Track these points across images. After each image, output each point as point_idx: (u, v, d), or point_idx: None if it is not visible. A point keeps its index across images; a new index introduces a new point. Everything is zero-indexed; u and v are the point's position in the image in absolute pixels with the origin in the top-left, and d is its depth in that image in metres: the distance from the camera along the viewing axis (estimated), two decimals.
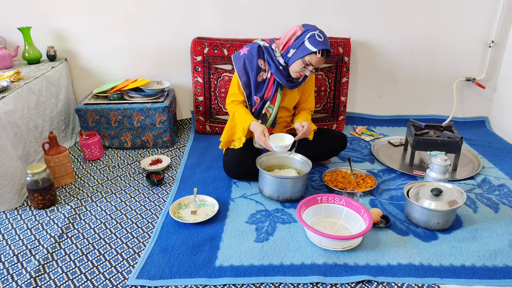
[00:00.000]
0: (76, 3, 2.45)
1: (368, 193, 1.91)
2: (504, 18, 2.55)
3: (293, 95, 2.01)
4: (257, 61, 1.91)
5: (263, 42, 1.94)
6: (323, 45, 1.76)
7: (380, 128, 2.75)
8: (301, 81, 1.96)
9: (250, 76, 1.93)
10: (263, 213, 1.76)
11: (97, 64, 2.63)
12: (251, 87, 1.95)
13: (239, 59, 1.94)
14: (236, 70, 1.94)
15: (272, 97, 1.94)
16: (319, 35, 1.78)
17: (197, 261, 1.46)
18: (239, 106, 1.97)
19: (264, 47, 1.92)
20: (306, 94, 2.06)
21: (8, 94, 1.87)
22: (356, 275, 1.39)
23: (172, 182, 2.05)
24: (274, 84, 1.93)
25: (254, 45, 1.94)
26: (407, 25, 2.60)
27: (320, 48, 1.75)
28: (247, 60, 1.92)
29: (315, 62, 1.79)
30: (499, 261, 1.46)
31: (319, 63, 1.81)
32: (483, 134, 2.68)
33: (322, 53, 1.77)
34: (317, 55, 1.77)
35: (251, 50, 1.93)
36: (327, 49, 1.78)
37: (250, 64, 1.92)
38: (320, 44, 1.76)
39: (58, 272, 1.42)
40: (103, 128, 2.37)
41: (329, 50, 1.80)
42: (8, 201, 1.79)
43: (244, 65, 1.92)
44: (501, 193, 1.92)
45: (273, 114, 1.97)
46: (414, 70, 2.73)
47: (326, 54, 1.79)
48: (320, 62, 1.80)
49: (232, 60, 1.98)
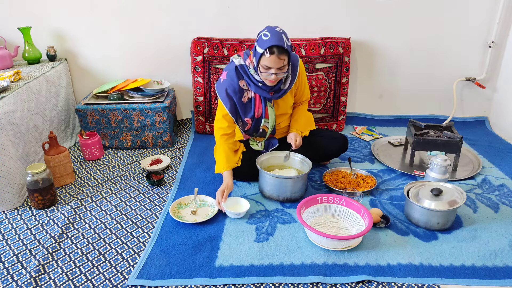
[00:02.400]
0: (76, 3, 2.45)
1: (368, 193, 1.91)
2: (504, 18, 2.55)
3: (286, 100, 1.93)
4: (238, 84, 1.82)
5: (238, 60, 1.82)
6: (269, 43, 1.61)
7: (380, 128, 2.75)
8: (287, 87, 1.85)
9: (234, 100, 1.84)
10: (263, 213, 1.76)
11: (97, 64, 2.63)
12: (239, 111, 1.88)
13: (220, 86, 1.85)
14: (220, 98, 1.85)
15: (264, 113, 1.88)
16: (265, 34, 1.65)
17: (197, 261, 1.46)
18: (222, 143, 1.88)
19: (239, 66, 1.81)
20: (301, 90, 1.97)
21: (8, 94, 1.87)
22: (356, 275, 1.39)
23: (172, 182, 2.05)
24: (261, 100, 1.86)
25: (231, 66, 1.84)
26: (407, 25, 2.60)
27: (266, 47, 1.62)
28: (229, 87, 1.82)
29: (270, 63, 1.64)
30: (499, 261, 1.46)
31: (275, 63, 1.65)
32: (483, 134, 2.68)
33: (270, 51, 1.62)
34: (265, 55, 1.63)
35: (229, 74, 1.83)
36: (275, 44, 1.61)
37: (232, 89, 1.82)
38: (266, 42, 1.62)
39: (58, 272, 1.42)
40: (103, 128, 2.37)
41: (279, 45, 1.62)
42: (8, 201, 1.79)
43: (227, 92, 1.83)
44: (501, 193, 1.92)
45: (270, 128, 1.94)
46: (414, 70, 2.73)
47: (277, 51, 1.62)
48: (275, 61, 1.64)
49: (215, 88, 1.89)
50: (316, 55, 2.49)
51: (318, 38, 2.54)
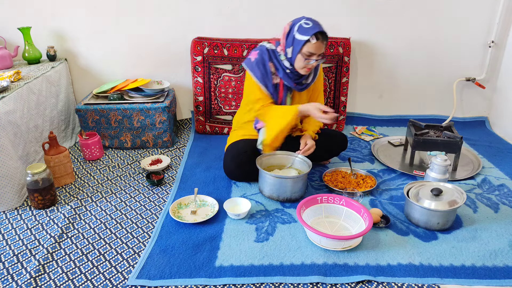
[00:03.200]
0: (76, 3, 2.45)
1: (368, 193, 1.91)
2: (504, 18, 2.55)
3: (302, 97, 1.97)
4: (268, 65, 1.87)
5: (269, 45, 1.89)
6: (313, 29, 1.70)
7: (380, 128, 2.75)
8: (309, 82, 1.93)
9: (267, 80, 1.87)
10: (263, 213, 1.76)
11: (97, 64, 2.63)
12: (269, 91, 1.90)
13: (253, 66, 1.87)
14: (256, 77, 1.86)
15: (283, 102, 1.92)
16: (306, 22, 1.73)
17: (197, 261, 1.46)
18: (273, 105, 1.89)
19: (271, 50, 1.87)
20: (315, 94, 2.03)
21: (8, 94, 1.87)
22: (356, 275, 1.39)
23: (172, 182, 2.05)
24: (283, 88, 1.90)
25: (262, 48, 1.89)
26: (407, 25, 2.60)
27: (312, 33, 1.70)
28: (260, 66, 1.86)
29: (314, 49, 1.73)
30: (499, 261, 1.46)
31: (319, 49, 1.74)
32: (483, 134, 2.68)
33: (316, 37, 1.71)
34: (311, 41, 1.71)
35: (261, 54, 1.87)
36: (320, 31, 1.71)
37: (264, 69, 1.87)
38: (309, 30, 1.71)
39: (58, 272, 1.42)
40: (103, 128, 2.37)
41: (323, 31, 1.72)
42: (8, 201, 1.79)
43: (260, 71, 1.86)
44: (501, 193, 1.92)
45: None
46: (414, 70, 2.73)
47: (321, 37, 1.72)
48: (319, 47, 1.74)
49: (246, 67, 1.91)
50: None
51: None
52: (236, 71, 2.51)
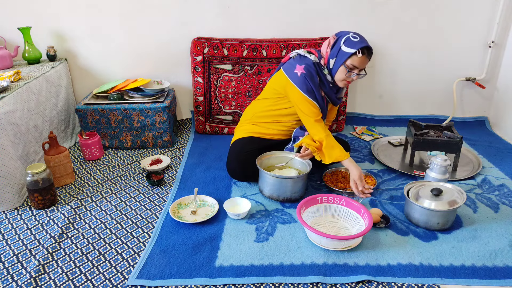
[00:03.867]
0: (76, 3, 2.45)
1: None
2: (504, 18, 2.55)
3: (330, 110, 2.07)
4: (317, 79, 1.86)
5: (313, 57, 1.85)
6: (360, 44, 1.73)
7: (380, 128, 2.75)
8: (341, 96, 2.00)
9: (316, 94, 1.86)
10: (263, 213, 1.76)
11: (97, 64, 2.63)
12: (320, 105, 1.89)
13: (302, 81, 1.83)
14: (304, 91, 1.83)
15: (325, 115, 1.98)
16: (354, 36, 1.76)
17: (197, 261, 1.46)
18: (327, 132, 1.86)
19: (316, 63, 1.85)
20: (335, 107, 2.10)
21: (8, 94, 1.87)
22: (356, 275, 1.39)
23: (172, 182, 2.05)
24: (325, 102, 1.94)
25: (308, 61, 1.84)
26: (407, 25, 2.60)
27: (359, 47, 1.72)
28: (310, 81, 1.83)
29: (358, 63, 1.76)
30: (499, 261, 1.46)
31: (362, 64, 1.77)
32: (483, 134, 2.68)
33: (362, 51, 1.73)
34: (358, 55, 1.73)
35: (309, 69, 1.83)
36: (367, 46, 1.74)
37: (313, 82, 1.84)
38: (357, 43, 1.73)
39: (58, 272, 1.42)
40: (103, 128, 2.37)
41: (369, 47, 1.76)
42: (8, 201, 1.79)
43: (310, 87, 1.84)
44: (501, 193, 1.92)
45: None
46: (414, 70, 2.73)
47: (367, 52, 1.75)
48: (363, 62, 1.76)
49: (292, 81, 1.85)
50: None
51: (318, 38, 2.54)
52: (236, 71, 2.51)
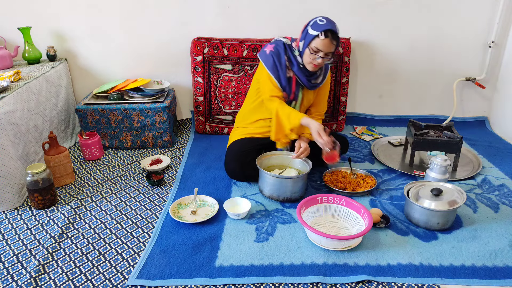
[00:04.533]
0: (76, 3, 2.45)
1: (368, 193, 1.91)
2: (504, 18, 2.55)
3: (309, 96, 2.00)
4: (284, 58, 1.89)
5: (285, 40, 1.92)
6: (325, 27, 1.72)
7: (380, 128, 2.75)
8: (319, 82, 1.96)
9: (280, 73, 1.90)
10: (263, 213, 1.76)
11: (97, 64, 2.63)
12: (282, 83, 1.91)
13: (267, 57, 1.90)
14: (268, 67, 1.89)
15: (296, 96, 1.94)
16: (321, 19, 1.75)
17: (197, 261, 1.46)
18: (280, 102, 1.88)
19: (287, 44, 1.90)
20: (321, 97, 2.06)
21: (8, 94, 1.87)
22: (356, 275, 1.39)
23: (172, 182, 2.05)
24: (296, 83, 1.92)
25: (279, 42, 1.92)
26: (407, 25, 2.60)
27: (322, 30, 1.72)
28: (275, 57, 1.89)
29: (321, 46, 1.75)
30: (499, 261, 1.46)
31: (326, 47, 1.75)
32: (483, 134, 2.68)
33: (325, 34, 1.72)
34: (320, 37, 1.73)
35: (277, 48, 1.90)
36: (330, 29, 1.72)
37: (279, 61, 1.89)
38: (321, 26, 1.73)
39: (58, 272, 1.42)
40: (103, 128, 2.37)
41: (333, 30, 1.74)
42: (8, 201, 1.79)
43: (274, 62, 1.89)
44: (501, 193, 1.92)
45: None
46: (414, 70, 2.73)
47: (331, 35, 1.73)
48: (326, 45, 1.75)
49: (260, 58, 1.94)
50: None
51: None
52: (236, 71, 2.51)
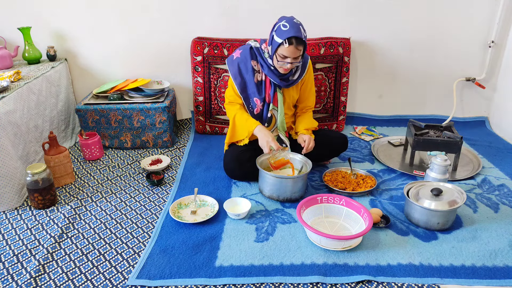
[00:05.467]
0: (76, 3, 2.45)
1: (368, 193, 1.91)
2: (504, 18, 2.55)
3: (291, 94, 1.98)
4: (250, 63, 1.90)
5: (254, 43, 1.93)
6: (288, 33, 1.68)
7: (380, 128, 2.75)
8: (296, 78, 1.92)
9: (245, 78, 1.92)
10: (263, 213, 1.76)
11: (97, 64, 2.63)
12: (248, 90, 1.94)
13: (232, 63, 1.93)
14: (231, 74, 1.93)
15: (272, 98, 1.93)
16: (284, 24, 1.71)
17: (197, 261, 1.46)
18: (239, 108, 1.96)
19: (255, 48, 1.90)
20: (306, 92, 2.02)
21: (8, 94, 1.87)
22: (356, 275, 1.39)
23: (172, 182, 2.05)
24: (271, 85, 1.92)
25: (246, 46, 1.93)
26: (407, 25, 2.60)
27: (285, 38, 1.68)
28: (241, 64, 1.91)
29: (287, 53, 1.72)
30: (499, 261, 1.46)
31: (292, 53, 1.72)
32: (483, 134, 2.68)
33: (289, 42, 1.68)
34: (284, 45, 1.70)
35: (243, 53, 1.92)
36: (294, 36, 1.68)
37: (245, 67, 1.91)
38: (285, 33, 1.69)
39: (58, 272, 1.42)
40: (103, 128, 2.37)
41: (297, 37, 1.69)
42: (8, 201, 1.79)
43: (239, 69, 1.91)
44: (501, 193, 1.92)
45: (279, 117, 1.96)
46: (414, 70, 2.73)
47: (295, 41, 1.69)
48: (292, 51, 1.71)
49: (226, 64, 1.97)
50: (316, 55, 2.49)
51: (318, 38, 2.54)
52: None
